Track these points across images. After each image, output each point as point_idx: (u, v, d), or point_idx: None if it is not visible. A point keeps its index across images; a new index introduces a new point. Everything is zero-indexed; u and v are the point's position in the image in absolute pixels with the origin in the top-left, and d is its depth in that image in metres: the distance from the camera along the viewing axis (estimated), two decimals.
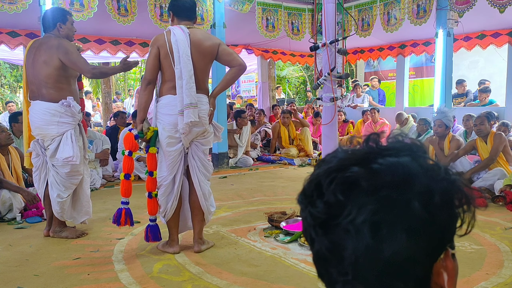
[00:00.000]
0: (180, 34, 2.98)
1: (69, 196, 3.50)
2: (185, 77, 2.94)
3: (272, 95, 11.60)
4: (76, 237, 3.57)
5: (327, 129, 3.75)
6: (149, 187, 3.13)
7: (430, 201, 0.55)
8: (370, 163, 0.56)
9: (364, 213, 0.54)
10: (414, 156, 0.58)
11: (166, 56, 2.99)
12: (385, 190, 0.54)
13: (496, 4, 6.00)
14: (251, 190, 5.47)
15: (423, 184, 0.55)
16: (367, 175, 0.55)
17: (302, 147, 8.17)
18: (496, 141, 4.95)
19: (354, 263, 0.55)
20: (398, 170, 0.55)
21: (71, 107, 3.39)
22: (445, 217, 0.56)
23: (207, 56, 3.07)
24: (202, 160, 3.15)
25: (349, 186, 0.55)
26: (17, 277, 2.80)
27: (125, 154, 3.14)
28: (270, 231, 3.61)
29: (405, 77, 9.69)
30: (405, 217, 0.54)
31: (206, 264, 2.97)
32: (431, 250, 0.56)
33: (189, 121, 2.93)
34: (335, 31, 3.64)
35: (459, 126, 7.26)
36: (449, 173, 0.58)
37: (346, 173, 0.56)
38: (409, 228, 0.54)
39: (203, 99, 3.07)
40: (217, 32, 6.89)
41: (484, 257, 3.04)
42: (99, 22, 6.58)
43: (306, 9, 7.94)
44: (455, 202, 0.57)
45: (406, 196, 0.54)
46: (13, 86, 16.82)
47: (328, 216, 0.56)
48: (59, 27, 3.47)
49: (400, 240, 0.53)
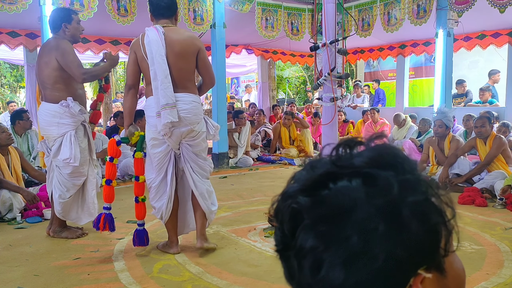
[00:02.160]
0: (154, 35, 2.91)
1: (71, 197, 3.48)
2: (159, 77, 2.86)
3: (272, 95, 11.61)
4: (76, 237, 3.56)
5: (327, 129, 3.75)
6: (135, 191, 3.13)
7: (372, 233, 0.49)
8: (319, 189, 0.53)
9: (305, 249, 0.52)
10: (369, 175, 0.52)
11: (142, 59, 2.96)
12: (324, 225, 0.51)
13: (496, 4, 6.00)
14: (251, 190, 5.47)
15: (365, 215, 0.50)
16: (309, 207, 0.52)
17: (303, 147, 8.17)
18: (494, 145, 4.91)
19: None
20: (340, 200, 0.51)
21: (70, 108, 3.36)
22: (395, 246, 0.50)
23: (186, 56, 2.99)
24: (195, 160, 3.08)
25: (295, 217, 0.53)
26: (17, 277, 2.80)
27: (107, 160, 3.14)
28: (270, 231, 3.61)
29: (405, 77, 9.70)
30: (344, 253, 0.50)
31: (206, 264, 2.97)
32: (386, 283, 0.51)
33: (166, 122, 2.85)
34: (335, 31, 3.64)
35: (459, 126, 7.26)
36: (406, 194, 0.51)
37: (293, 204, 0.54)
38: (349, 264, 0.49)
39: (185, 98, 2.96)
40: (217, 32, 6.90)
41: (484, 257, 3.04)
42: (99, 22, 6.58)
43: (306, 9, 7.95)
44: (409, 227, 0.50)
45: (345, 230, 0.50)
46: (13, 86, 16.82)
47: (283, 246, 0.55)
48: (64, 27, 3.45)
49: (339, 277, 0.50)
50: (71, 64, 3.33)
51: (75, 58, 3.38)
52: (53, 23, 3.49)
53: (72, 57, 3.37)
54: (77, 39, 3.55)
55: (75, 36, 3.51)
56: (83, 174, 3.49)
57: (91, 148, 3.60)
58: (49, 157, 3.51)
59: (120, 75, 18.40)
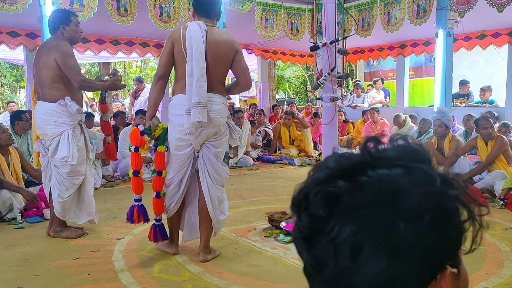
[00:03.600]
0: (196, 30, 2.86)
1: (70, 196, 3.49)
2: (196, 74, 2.80)
3: (272, 95, 11.61)
4: (76, 237, 3.56)
5: (327, 129, 3.75)
6: (156, 187, 3.01)
7: (418, 221, 0.50)
8: (358, 176, 0.52)
9: (344, 233, 0.50)
10: (408, 167, 0.53)
11: (179, 52, 2.89)
12: (367, 209, 0.50)
13: (495, 4, 6.00)
14: (251, 190, 5.47)
15: (411, 202, 0.50)
16: (350, 191, 0.51)
17: (303, 147, 8.18)
18: (496, 146, 4.91)
19: (334, 283, 0.52)
20: (385, 186, 0.51)
21: (68, 107, 3.38)
22: (437, 237, 0.51)
23: (223, 58, 2.95)
24: (213, 164, 3.00)
25: (332, 201, 0.52)
26: (17, 277, 2.80)
27: (132, 150, 3.03)
28: (270, 231, 3.61)
29: (405, 77, 9.70)
30: (388, 239, 0.49)
31: (206, 264, 2.97)
32: (420, 273, 0.51)
33: (196, 121, 2.79)
34: (335, 31, 3.64)
35: (459, 126, 7.26)
36: (446, 187, 0.52)
37: (330, 187, 0.52)
38: (392, 251, 0.49)
39: (216, 99, 2.93)
40: None
41: (484, 257, 3.04)
42: (99, 22, 6.59)
43: (306, 9, 7.95)
44: (450, 220, 0.52)
45: (390, 216, 0.50)
46: (13, 86, 16.82)
47: (312, 231, 0.53)
48: (62, 29, 3.46)
49: (381, 263, 0.49)
50: (70, 68, 3.36)
51: (75, 63, 3.40)
52: (51, 24, 3.51)
53: (73, 62, 3.39)
54: (76, 40, 3.56)
55: (73, 38, 3.52)
56: (82, 173, 3.50)
57: (87, 148, 3.61)
58: (45, 157, 3.51)
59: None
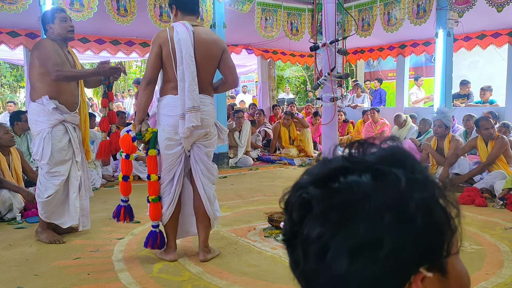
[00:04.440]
0: (184, 33, 2.82)
1: (50, 197, 3.39)
2: (187, 79, 2.80)
3: (272, 95, 11.60)
4: (49, 242, 3.43)
5: (327, 129, 3.75)
6: (149, 191, 3.00)
7: (378, 223, 0.51)
8: (331, 182, 0.55)
9: (311, 237, 0.53)
10: (381, 171, 0.54)
11: (168, 56, 2.85)
12: (333, 213, 0.53)
13: (494, 4, 6.00)
14: (251, 190, 5.47)
15: (372, 206, 0.52)
16: (320, 197, 0.54)
17: (303, 147, 8.17)
18: (496, 146, 4.91)
19: (308, 284, 0.56)
20: (350, 192, 0.53)
21: (44, 106, 3.33)
22: (399, 238, 0.51)
23: (212, 58, 2.94)
24: (205, 163, 3.00)
25: (304, 207, 0.55)
26: (17, 277, 2.80)
27: (122, 157, 3.05)
28: (270, 231, 3.61)
29: (405, 77, 9.69)
30: (350, 241, 0.52)
31: (206, 264, 2.97)
32: (387, 275, 0.52)
33: (191, 125, 2.81)
34: (335, 31, 3.64)
35: (459, 126, 7.26)
36: (414, 189, 0.53)
37: (303, 193, 0.56)
38: (355, 252, 0.51)
39: (206, 100, 2.95)
40: (217, 32, 6.89)
41: (484, 257, 3.04)
42: (99, 22, 6.59)
43: (306, 9, 7.95)
44: (413, 221, 0.52)
45: (353, 219, 0.52)
46: (13, 86, 16.82)
47: (291, 235, 0.57)
48: (49, 28, 3.43)
49: (345, 264, 0.52)
50: (45, 61, 3.29)
51: (50, 55, 3.29)
52: (42, 26, 3.52)
53: (46, 52, 3.29)
54: (65, 36, 3.44)
55: (62, 35, 3.42)
56: (61, 174, 3.41)
57: (75, 149, 3.48)
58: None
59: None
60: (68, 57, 3.49)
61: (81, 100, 3.61)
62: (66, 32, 3.43)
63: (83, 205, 3.59)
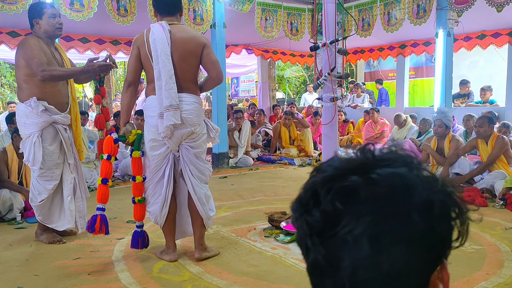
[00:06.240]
0: (159, 32, 2.82)
1: (43, 201, 3.33)
2: (164, 77, 2.78)
3: (272, 95, 11.60)
4: (49, 242, 3.41)
5: (327, 129, 3.75)
6: (133, 192, 3.01)
7: (429, 212, 0.54)
8: (367, 173, 0.55)
9: (362, 224, 0.53)
10: (410, 167, 0.57)
11: (146, 57, 2.87)
12: (384, 201, 0.54)
13: (494, 4, 6.00)
14: (251, 190, 5.47)
15: (422, 195, 0.54)
16: (365, 185, 0.54)
17: (303, 147, 8.17)
18: (497, 146, 4.91)
19: (351, 275, 0.54)
20: (396, 181, 0.55)
21: (33, 108, 3.20)
22: (443, 229, 0.56)
23: (191, 55, 2.90)
24: (195, 163, 2.98)
25: (347, 195, 0.55)
26: (17, 277, 2.80)
27: (104, 158, 2.99)
28: (270, 231, 3.61)
29: (405, 77, 9.70)
30: (405, 228, 0.53)
31: (206, 264, 2.97)
32: (429, 262, 0.55)
33: (169, 124, 2.79)
34: (335, 31, 3.64)
35: (459, 126, 7.26)
36: (446, 185, 0.58)
37: (345, 182, 0.55)
38: (409, 240, 0.53)
39: (187, 99, 2.90)
40: (217, 32, 6.90)
41: (484, 257, 3.04)
42: (99, 22, 6.59)
43: (306, 9, 7.95)
44: (451, 214, 0.57)
45: (406, 207, 0.54)
46: (13, 86, 16.82)
47: (325, 226, 0.55)
48: (35, 23, 3.28)
49: (399, 252, 0.53)
50: (30, 61, 3.14)
51: (34, 54, 3.14)
52: (29, 21, 3.32)
53: (31, 51, 3.14)
54: (53, 34, 3.31)
55: (48, 32, 3.28)
56: (54, 178, 3.34)
57: (69, 152, 3.41)
58: None
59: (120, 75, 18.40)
60: (55, 55, 3.35)
61: (71, 98, 3.48)
62: (53, 29, 3.30)
63: (80, 207, 3.52)
